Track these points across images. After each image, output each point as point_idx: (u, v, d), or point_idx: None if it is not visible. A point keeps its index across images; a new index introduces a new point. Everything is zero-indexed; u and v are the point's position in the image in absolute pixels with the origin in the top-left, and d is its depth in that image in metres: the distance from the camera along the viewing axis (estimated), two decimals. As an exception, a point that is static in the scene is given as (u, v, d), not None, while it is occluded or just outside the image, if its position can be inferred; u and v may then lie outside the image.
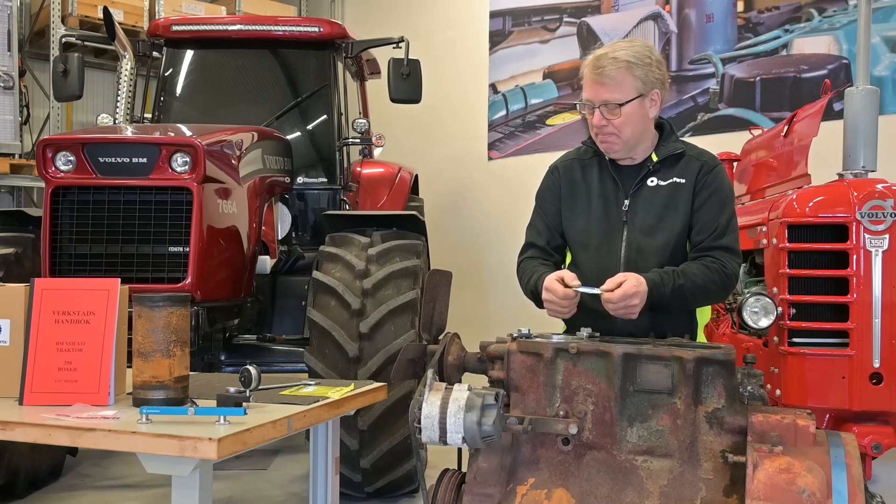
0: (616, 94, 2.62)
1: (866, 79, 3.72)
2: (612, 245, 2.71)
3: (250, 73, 5.92)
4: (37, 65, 8.03)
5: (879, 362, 3.33)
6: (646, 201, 2.71)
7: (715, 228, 2.67)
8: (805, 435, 2.11)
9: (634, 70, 2.62)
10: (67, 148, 4.11)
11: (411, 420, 2.17)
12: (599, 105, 2.64)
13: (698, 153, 2.79)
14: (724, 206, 2.71)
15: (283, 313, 5.14)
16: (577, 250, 2.80)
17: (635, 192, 2.73)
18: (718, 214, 2.69)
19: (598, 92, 2.64)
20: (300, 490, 4.76)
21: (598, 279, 2.62)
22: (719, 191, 2.71)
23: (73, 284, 2.92)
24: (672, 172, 2.73)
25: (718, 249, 2.65)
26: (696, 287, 2.59)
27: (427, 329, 2.59)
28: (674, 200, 2.70)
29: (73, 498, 4.63)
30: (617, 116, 2.64)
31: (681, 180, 2.72)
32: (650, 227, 2.69)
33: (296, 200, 5.63)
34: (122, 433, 2.33)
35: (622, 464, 2.21)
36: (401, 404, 4.07)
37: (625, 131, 2.67)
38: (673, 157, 2.74)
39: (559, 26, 8.15)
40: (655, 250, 2.67)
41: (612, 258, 2.70)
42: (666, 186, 2.72)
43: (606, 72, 2.61)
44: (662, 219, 2.69)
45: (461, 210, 8.61)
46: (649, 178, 2.74)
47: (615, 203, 2.74)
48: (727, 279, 2.64)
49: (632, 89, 2.63)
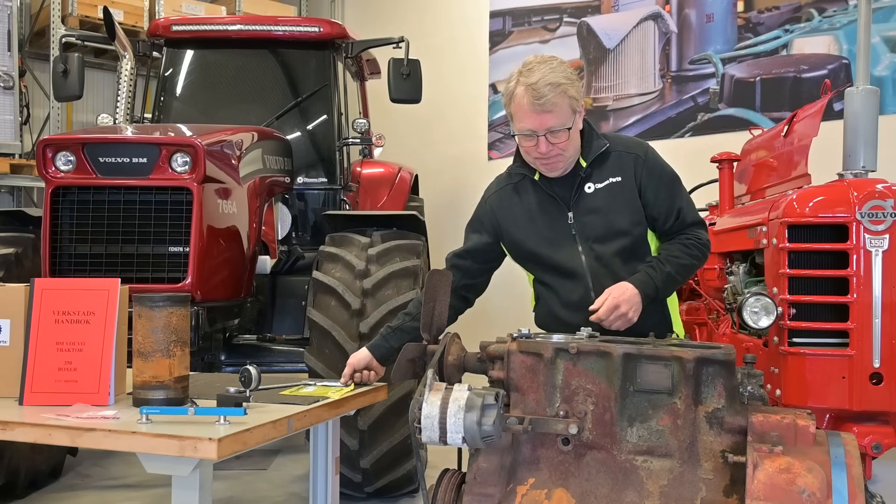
0: (560, 119, 2.61)
1: (866, 79, 3.72)
2: (573, 261, 2.72)
3: (250, 73, 5.92)
4: (37, 65, 8.03)
5: (879, 362, 3.33)
6: (589, 209, 2.71)
7: (678, 213, 2.73)
8: (805, 435, 2.10)
9: (569, 91, 2.61)
10: (67, 148, 4.11)
11: (411, 420, 2.17)
12: (544, 133, 2.61)
13: (625, 145, 2.78)
14: (674, 189, 2.76)
15: (283, 313, 5.14)
16: (539, 272, 2.81)
17: (575, 202, 2.73)
18: (673, 199, 2.73)
19: (543, 120, 2.60)
20: (300, 490, 4.76)
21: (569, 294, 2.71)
22: (664, 175, 2.75)
23: (73, 284, 2.92)
24: (605, 173, 2.73)
25: (688, 227, 2.74)
26: (682, 268, 2.68)
27: (427, 329, 2.59)
28: (616, 201, 2.70)
29: (73, 498, 4.63)
30: (562, 140, 2.63)
31: (616, 179, 2.72)
32: (602, 233, 2.70)
33: (296, 200, 5.63)
34: (122, 433, 2.33)
35: (622, 464, 2.21)
36: (401, 404, 4.07)
37: (569, 150, 2.67)
38: (600, 157, 2.74)
39: (559, 26, 8.15)
40: (614, 254, 2.70)
41: (576, 272, 2.72)
42: (604, 188, 2.72)
43: (549, 100, 2.57)
44: (611, 222, 2.70)
45: (461, 210, 8.58)
46: (585, 184, 2.73)
47: (559, 218, 2.74)
48: (704, 248, 2.74)
49: (569, 111, 2.63)
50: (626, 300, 2.55)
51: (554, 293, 2.76)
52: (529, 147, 2.67)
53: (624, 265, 2.69)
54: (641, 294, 2.58)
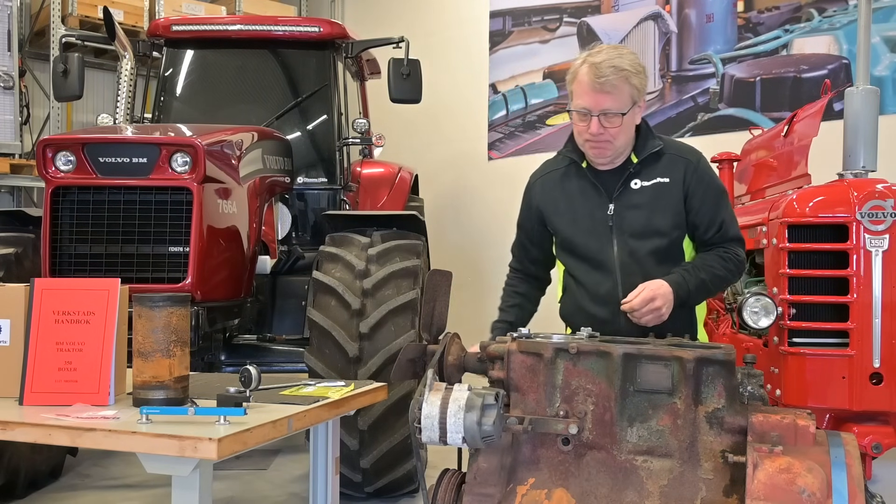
0: (617, 104, 2.61)
1: (866, 79, 3.72)
2: (605, 252, 2.71)
3: (250, 73, 5.92)
4: (37, 65, 8.03)
5: (879, 362, 3.33)
6: (631, 204, 2.71)
7: (720, 225, 2.71)
8: (805, 435, 2.10)
9: (632, 79, 2.62)
10: (67, 148, 4.11)
11: (411, 420, 2.17)
12: (598, 114, 2.61)
13: (678, 149, 2.78)
14: (720, 200, 2.75)
15: (283, 313, 5.14)
16: (570, 261, 2.81)
17: (619, 195, 2.72)
18: (718, 210, 2.72)
19: (599, 100, 2.60)
20: (300, 490, 4.76)
21: (596, 286, 2.70)
22: (711, 186, 2.74)
23: (73, 284, 2.92)
24: (654, 172, 2.72)
25: (728, 241, 2.73)
26: (716, 278, 2.69)
27: (427, 329, 2.59)
28: (660, 201, 2.70)
29: (73, 498, 4.63)
30: (615, 125, 2.62)
31: (664, 179, 2.71)
32: (640, 229, 2.69)
33: (296, 200, 5.63)
34: (122, 433, 2.33)
35: (622, 464, 2.21)
36: (401, 404, 4.07)
37: (619, 139, 2.66)
38: (653, 156, 2.73)
39: (559, 26, 8.14)
40: (649, 252, 2.69)
41: (606, 265, 2.71)
42: (650, 187, 2.71)
43: (609, 80, 2.58)
44: (651, 220, 2.69)
45: (461, 210, 8.61)
46: (632, 180, 2.72)
47: (599, 209, 2.73)
48: (741, 265, 2.76)
49: (629, 98, 2.63)
50: (661, 295, 2.55)
51: (581, 285, 2.75)
52: (582, 127, 2.66)
53: (655, 265, 2.67)
54: (674, 294, 2.58)
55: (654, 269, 2.66)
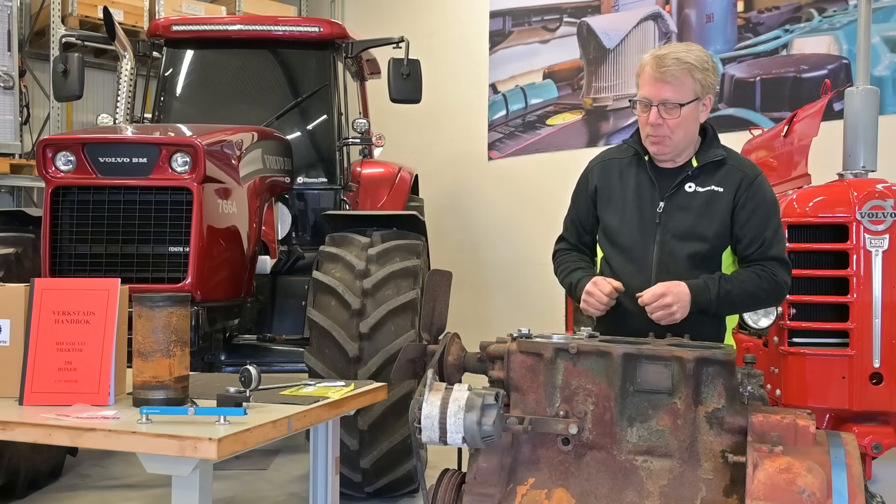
0: (677, 95, 2.63)
1: (866, 79, 3.72)
2: (645, 247, 2.72)
3: (250, 73, 5.92)
4: (37, 65, 8.03)
5: (879, 362, 3.33)
6: (681, 206, 2.71)
7: (762, 242, 2.69)
8: (805, 435, 2.11)
9: (695, 73, 2.64)
10: (67, 148, 4.11)
11: (411, 420, 2.17)
12: (658, 103, 2.64)
13: (739, 162, 2.78)
14: (770, 218, 2.72)
15: (283, 313, 5.14)
16: (609, 250, 2.81)
17: (671, 195, 2.73)
18: (764, 228, 2.70)
19: (659, 90, 2.64)
20: (300, 490, 4.76)
21: (629, 279, 2.69)
22: (763, 203, 2.72)
23: (73, 284, 2.92)
24: (711, 180, 2.72)
25: (767, 260, 2.68)
26: (745, 293, 2.64)
27: (427, 329, 2.59)
28: (710, 209, 2.70)
29: (73, 498, 4.63)
30: (674, 117, 2.64)
31: (719, 189, 2.71)
32: (683, 232, 2.70)
33: (296, 200, 5.62)
34: (122, 433, 2.33)
35: (622, 464, 2.21)
36: (401, 404, 4.07)
37: (677, 133, 2.67)
38: (713, 164, 2.74)
39: (559, 26, 8.14)
40: (687, 256, 2.69)
41: (644, 260, 2.72)
42: (703, 193, 2.71)
43: (670, 71, 2.62)
44: (696, 225, 2.70)
45: (461, 210, 8.61)
46: (687, 183, 2.73)
47: (650, 204, 2.74)
48: (778, 287, 2.68)
49: (690, 91, 2.65)
50: (674, 293, 2.54)
51: (616, 275, 2.74)
52: (643, 118, 2.69)
53: (691, 269, 2.67)
54: (693, 298, 2.56)
55: (688, 273, 2.66)
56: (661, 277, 2.66)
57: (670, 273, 2.66)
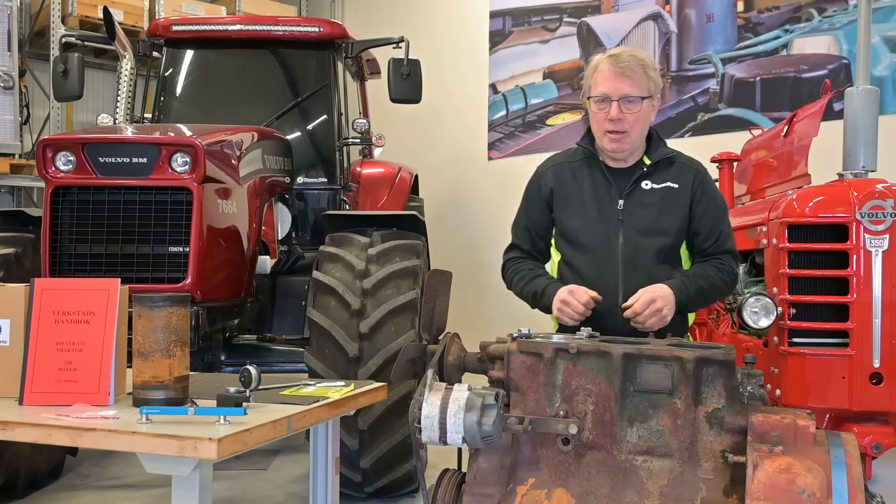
0: (636, 89, 2.71)
1: (866, 79, 3.72)
2: (610, 245, 2.76)
3: (250, 73, 5.92)
4: (37, 65, 8.03)
5: (879, 362, 3.32)
6: (641, 203, 2.78)
7: (719, 235, 2.81)
8: (805, 435, 2.11)
9: (648, 70, 2.74)
10: (67, 148, 4.11)
11: (411, 420, 2.17)
12: (619, 98, 2.69)
13: (688, 160, 2.89)
14: (723, 213, 2.87)
15: (283, 313, 5.14)
16: (572, 251, 2.83)
17: (630, 193, 2.79)
18: (719, 222, 2.83)
19: (619, 85, 2.69)
20: (300, 490, 4.76)
21: (595, 278, 2.72)
22: (715, 198, 2.86)
23: (73, 284, 2.92)
24: (665, 177, 2.81)
25: (723, 253, 2.81)
26: (713, 287, 2.76)
27: (427, 329, 2.59)
28: (669, 204, 2.78)
29: (73, 498, 4.63)
30: (634, 111, 2.70)
31: (674, 185, 2.80)
32: (647, 227, 2.75)
33: (296, 200, 5.63)
34: (122, 433, 2.33)
35: (622, 464, 2.21)
36: (401, 404, 4.07)
37: (636, 129, 2.74)
38: (665, 162, 2.83)
39: (559, 26, 8.14)
40: (653, 251, 2.75)
41: (609, 258, 2.75)
42: (660, 190, 2.79)
43: (629, 66, 2.70)
44: (658, 220, 2.76)
45: (461, 210, 8.61)
46: (643, 180, 2.81)
47: (609, 203, 2.79)
48: (734, 278, 2.83)
49: (646, 88, 2.74)
50: (662, 296, 2.59)
51: (580, 277, 2.77)
52: (601, 116, 2.73)
53: (657, 264, 2.74)
54: (676, 298, 2.63)
55: (655, 268, 2.73)
56: (627, 274, 2.72)
57: (637, 269, 2.71)
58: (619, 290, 2.71)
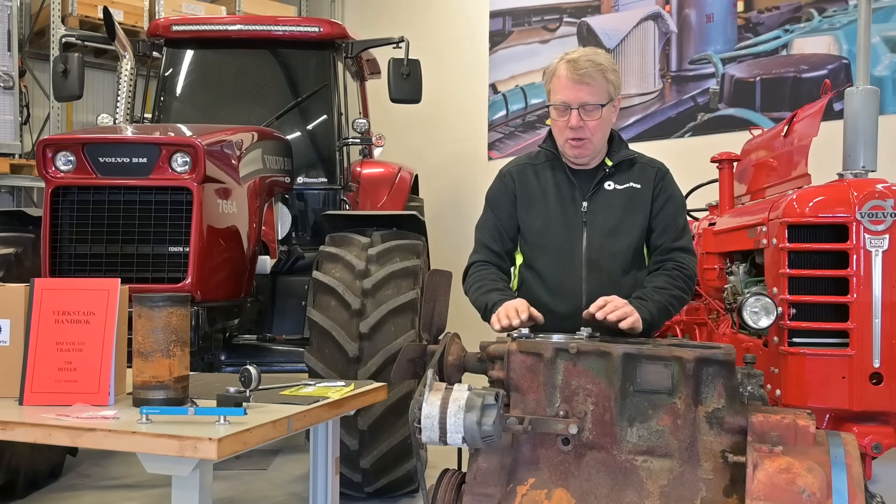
0: (595, 96, 2.68)
1: (866, 79, 3.71)
2: (573, 246, 2.75)
3: (250, 73, 5.92)
4: (37, 65, 8.04)
5: (879, 362, 3.32)
6: (605, 204, 2.77)
7: (675, 230, 2.79)
8: (805, 435, 2.10)
9: (608, 74, 2.70)
10: (67, 148, 4.11)
11: (411, 420, 2.17)
12: (578, 106, 2.67)
13: (649, 160, 2.89)
14: (680, 210, 2.86)
15: (283, 313, 5.14)
16: (535, 253, 2.82)
17: (593, 194, 2.79)
18: (676, 217, 2.82)
19: (578, 93, 2.67)
20: (300, 490, 4.76)
21: (559, 280, 2.73)
22: (674, 196, 2.85)
23: (73, 284, 2.92)
24: (627, 177, 2.81)
25: (677, 250, 2.78)
26: (672, 297, 2.71)
27: (427, 329, 2.59)
28: (632, 204, 2.78)
29: (73, 498, 4.63)
30: (594, 118, 2.69)
31: (637, 185, 2.80)
32: (611, 228, 2.76)
33: (296, 200, 5.63)
34: (122, 433, 2.33)
35: (622, 464, 2.21)
36: (401, 404, 4.07)
37: (597, 135, 2.73)
38: (626, 163, 2.83)
39: (559, 26, 8.15)
40: (617, 252, 2.75)
41: (573, 259, 2.75)
42: (623, 191, 2.79)
43: (588, 73, 2.66)
44: (623, 220, 2.77)
45: (461, 210, 8.61)
46: (606, 181, 2.81)
47: (572, 204, 2.79)
48: (689, 280, 2.77)
49: (605, 93, 2.71)
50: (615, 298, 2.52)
51: (542, 279, 2.77)
52: (562, 123, 2.71)
53: (620, 265, 2.74)
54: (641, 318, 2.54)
55: (618, 269, 2.73)
56: (591, 275, 2.71)
57: (602, 270, 2.71)
58: (582, 294, 2.70)
